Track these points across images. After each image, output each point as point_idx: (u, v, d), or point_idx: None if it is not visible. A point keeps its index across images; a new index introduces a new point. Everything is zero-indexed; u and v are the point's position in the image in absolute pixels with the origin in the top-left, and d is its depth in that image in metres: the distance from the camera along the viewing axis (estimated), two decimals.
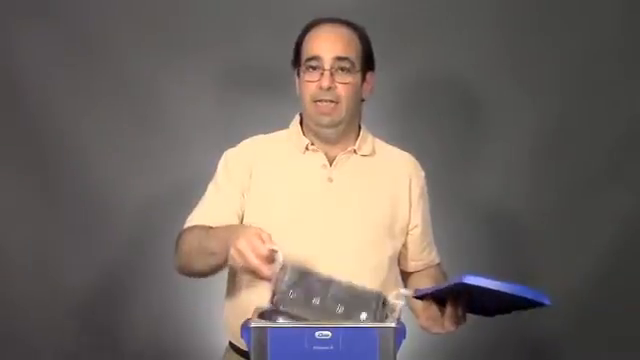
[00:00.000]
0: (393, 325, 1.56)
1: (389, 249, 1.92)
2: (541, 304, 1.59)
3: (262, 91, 2.86)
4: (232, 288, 1.95)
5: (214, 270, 1.82)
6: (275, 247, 1.60)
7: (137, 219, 3.01)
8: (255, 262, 1.59)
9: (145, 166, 3.00)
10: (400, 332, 1.57)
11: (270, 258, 1.60)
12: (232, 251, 1.63)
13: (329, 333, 1.54)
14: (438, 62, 3.02)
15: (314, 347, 1.53)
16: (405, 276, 2.05)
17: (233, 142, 2.01)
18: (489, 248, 2.97)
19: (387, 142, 2.06)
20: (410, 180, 1.98)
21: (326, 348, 1.53)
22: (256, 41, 2.91)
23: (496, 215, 3.02)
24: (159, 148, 2.99)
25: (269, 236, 1.61)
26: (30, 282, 2.99)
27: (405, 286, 1.99)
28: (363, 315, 1.58)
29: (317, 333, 1.54)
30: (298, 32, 1.97)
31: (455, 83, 3.04)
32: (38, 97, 2.98)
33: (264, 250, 1.59)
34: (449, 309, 1.68)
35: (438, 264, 2.09)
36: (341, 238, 1.88)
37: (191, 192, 2.02)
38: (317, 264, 1.84)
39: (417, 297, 1.72)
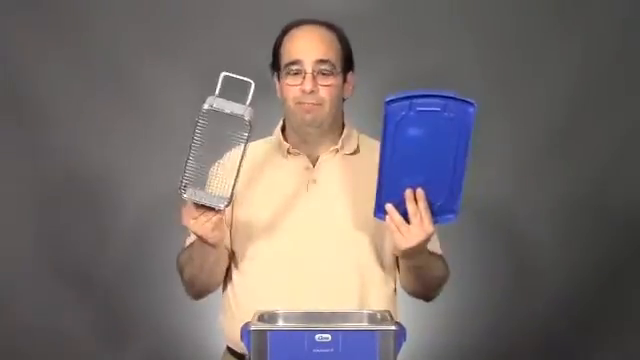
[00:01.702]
0: (393, 328, 1.56)
1: (379, 246, 1.91)
2: (469, 104, 1.63)
3: (257, 95, 2.86)
4: (229, 292, 1.96)
5: (217, 266, 1.86)
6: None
7: (134, 224, 3.01)
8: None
9: (143, 167, 3.00)
10: (400, 334, 1.57)
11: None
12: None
13: (329, 336, 1.53)
14: (430, 61, 3.03)
15: (314, 350, 1.53)
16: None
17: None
18: (488, 248, 2.97)
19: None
20: None
21: (326, 351, 1.53)
22: (251, 45, 2.90)
23: (499, 216, 3.02)
24: (157, 150, 3.00)
25: None
26: (29, 284, 2.99)
27: (401, 279, 1.97)
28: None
29: (317, 336, 1.53)
30: None
31: (448, 83, 3.03)
32: (36, 98, 2.98)
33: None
34: (411, 209, 1.68)
35: (439, 255, 2.06)
36: (327, 239, 1.88)
37: None
38: (304, 266, 1.85)
39: (379, 216, 1.72)
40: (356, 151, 1.96)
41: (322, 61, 1.86)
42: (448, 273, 1.95)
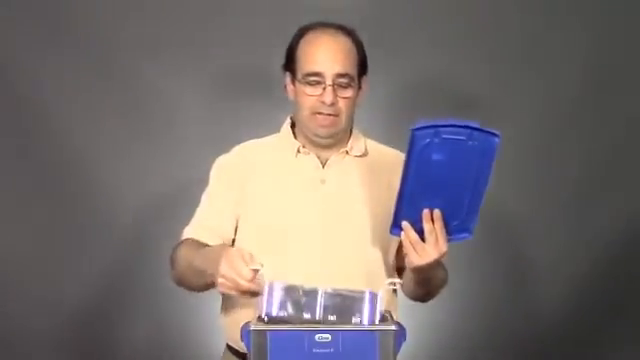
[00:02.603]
0: (393, 328, 1.56)
1: (384, 247, 1.92)
2: (493, 135, 1.66)
3: (258, 93, 2.86)
4: None
5: (209, 287, 1.82)
6: (257, 266, 1.61)
7: (133, 222, 3.01)
8: (243, 285, 1.61)
9: (142, 169, 3.00)
10: (400, 334, 1.57)
11: (254, 277, 1.61)
12: (218, 278, 1.64)
13: (329, 336, 1.54)
14: (434, 64, 3.02)
15: (314, 350, 1.54)
16: (400, 272, 2.04)
17: (230, 143, 2.01)
18: (488, 249, 2.97)
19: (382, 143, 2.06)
20: None
21: (326, 351, 1.54)
22: (252, 44, 2.92)
23: (494, 215, 3.01)
24: (157, 151, 3.00)
25: (250, 256, 1.63)
26: (28, 288, 2.99)
27: (405, 287, 1.98)
28: (356, 319, 1.58)
29: (317, 336, 1.54)
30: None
31: (451, 85, 3.04)
32: (36, 99, 2.98)
33: (247, 273, 1.61)
34: (427, 229, 1.69)
35: None
36: (336, 239, 1.88)
37: (189, 195, 2.02)
38: (310, 266, 1.85)
39: (396, 232, 1.73)
40: (364, 154, 1.97)
41: (342, 75, 1.87)
42: (447, 275, 1.96)
